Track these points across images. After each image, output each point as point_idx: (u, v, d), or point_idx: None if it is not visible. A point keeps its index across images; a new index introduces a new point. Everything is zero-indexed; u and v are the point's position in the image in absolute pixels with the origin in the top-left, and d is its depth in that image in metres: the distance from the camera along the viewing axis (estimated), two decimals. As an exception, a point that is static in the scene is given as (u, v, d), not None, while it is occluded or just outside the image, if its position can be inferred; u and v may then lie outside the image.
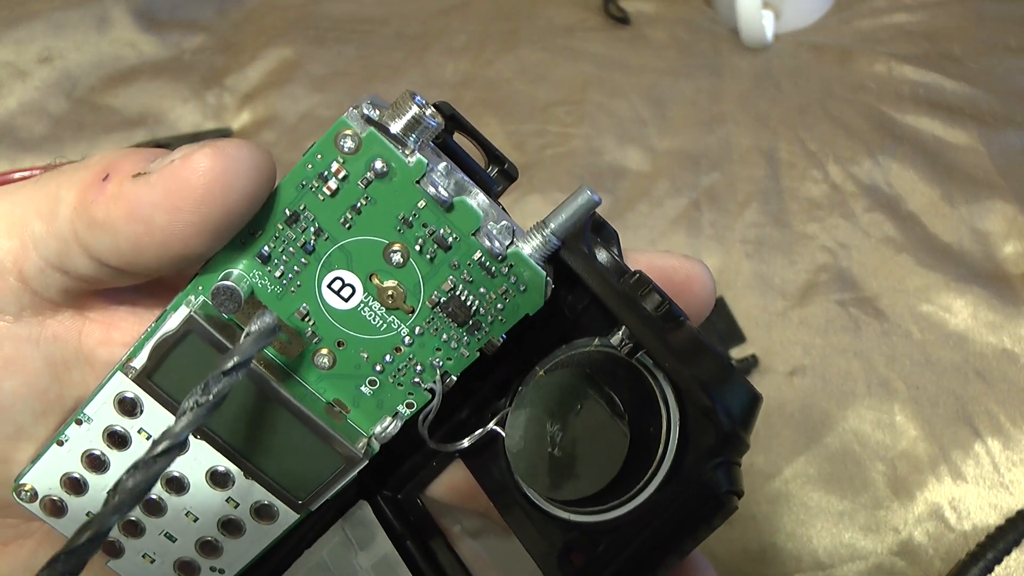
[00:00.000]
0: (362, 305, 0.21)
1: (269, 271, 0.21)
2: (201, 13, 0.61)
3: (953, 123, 0.51)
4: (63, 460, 0.23)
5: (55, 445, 0.23)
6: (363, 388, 0.22)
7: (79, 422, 0.22)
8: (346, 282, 0.21)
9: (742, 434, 0.19)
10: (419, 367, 0.22)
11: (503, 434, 0.23)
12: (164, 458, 0.19)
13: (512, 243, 0.20)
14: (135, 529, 0.24)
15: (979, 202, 0.48)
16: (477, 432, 0.23)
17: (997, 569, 0.38)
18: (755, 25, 0.54)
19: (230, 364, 0.19)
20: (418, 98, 0.19)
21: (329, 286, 0.21)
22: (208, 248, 0.20)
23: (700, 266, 0.23)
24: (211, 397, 0.19)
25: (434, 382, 0.22)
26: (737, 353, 0.44)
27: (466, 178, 0.20)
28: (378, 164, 0.19)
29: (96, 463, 0.23)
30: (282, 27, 0.60)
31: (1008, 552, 0.38)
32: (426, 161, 0.19)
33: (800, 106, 0.53)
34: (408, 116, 0.19)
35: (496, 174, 0.22)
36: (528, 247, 0.20)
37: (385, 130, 0.19)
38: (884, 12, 0.57)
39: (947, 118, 0.51)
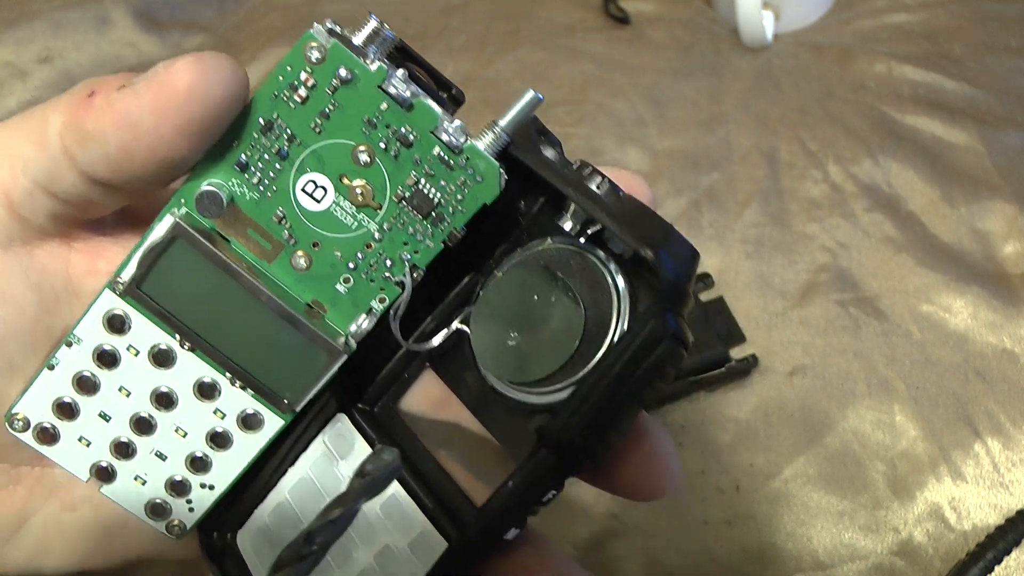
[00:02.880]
0: (334, 205, 0.23)
1: (247, 178, 0.22)
2: (201, 13, 0.61)
3: (953, 123, 0.51)
4: (54, 384, 0.24)
5: (46, 370, 0.23)
6: (338, 287, 0.23)
7: (69, 344, 0.23)
8: (318, 184, 0.22)
9: (684, 284, 0.21)
10: (389, 261, 0.23)
11: (468, 331, 0.24)
12: None
13: (467, 139, 0.22)
14: (126, 450, 0.24)
15: (979, 202, 0.48)
16: (443, 331, 0.25)
17: (997, 569, 0.38)
18: (755, 25, 0.54)
19: (335, 514, 0.19)
20: (374, 16, 0.21)
21: (303, 189, 0.22)
22: (191, 151, 0.21)
23: (639, 179, 0.24)
24: (314, 547, 0.19)
25: (403, 275, 0.23)
26: (737, 353, 0.44)
27: (420, 90, 0.22)
28: (343, 71, 0.21)
29: (87, 385, 0.24)
30: (282, 27, 0.60)
31: (1008, 552, 0.38)
32: (386, 67, 0.21)
33: (800, 106, 0.53)
34: (368, 29, 0.21)
35: (446, 98, 0.24)
36: (482, 143, 0.22)
37: (348, 41, 0.21)
38: (884, 12, 0.57)
39: (947, 118, 0.51)
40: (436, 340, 0.25)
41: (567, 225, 0.23)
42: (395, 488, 0.24)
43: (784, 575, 0.39)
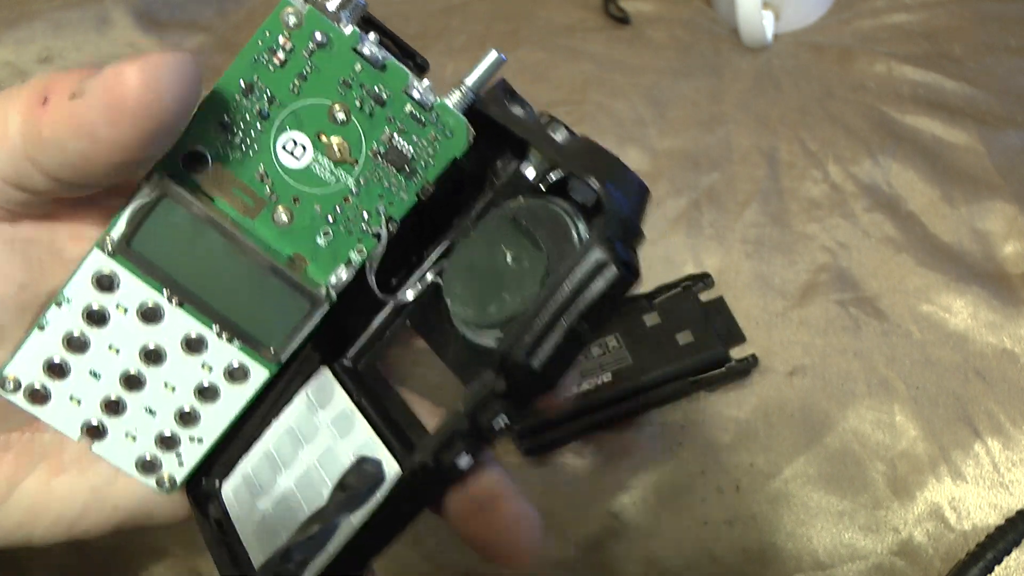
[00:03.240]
0: (313, 162, 0.24)
1: (230, 138, 0.23)
2: (201, 13, 0.61)
3: (953, 123, 0.51)
4: (44, 345, 0.24)
5: (36, 330, 0.24)
6: (319, 239, 0.25)
7: (58, 304, 0.24)
8: (298, 142, 0.24)
9: (633, 216, 0.22)
10: (366, 214, 0.24)
11: (441, 283, 0.25)
12: None
13: (437, 97, 0.24)
14: (117, 408, 0.25)
15: (979, 202, 0.48)
16: (418, 283, 0.26)
17: (997, 569, 0.38)
18: (755, 25, 0.54)
19: (314, 530, 0.20)
20: None
21: (283, 147, 0.23)
22: (152, 152, 0.21)
23: None
24: (291, 565, 0.20)
25: (380, 226, 0.24)
26: (737, 353, 0.44)
27: (390, 55, 0.23)
28: (318, 35, 0.22)
29: (77, 344, 0.24)
30: (282, 27, 0.59)
31: (1008, 552, 0.38)
32: (359, 31, 0.22)
33: (800, 106, 0.53)
34: None
35: (412, 66, 0.25)
36: (450, 100, 0.24)
37: (322, 7, 0.22)
38: (884, 12, 0.57)
39: (947, 118, 0.51)
40: (410, 292, 0.26)
41: (529, 172, 0.24)
42: (367, 435, 0.25)
43: (784, 575, 0.39)
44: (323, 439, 0.25)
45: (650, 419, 0.43)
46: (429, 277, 0.26)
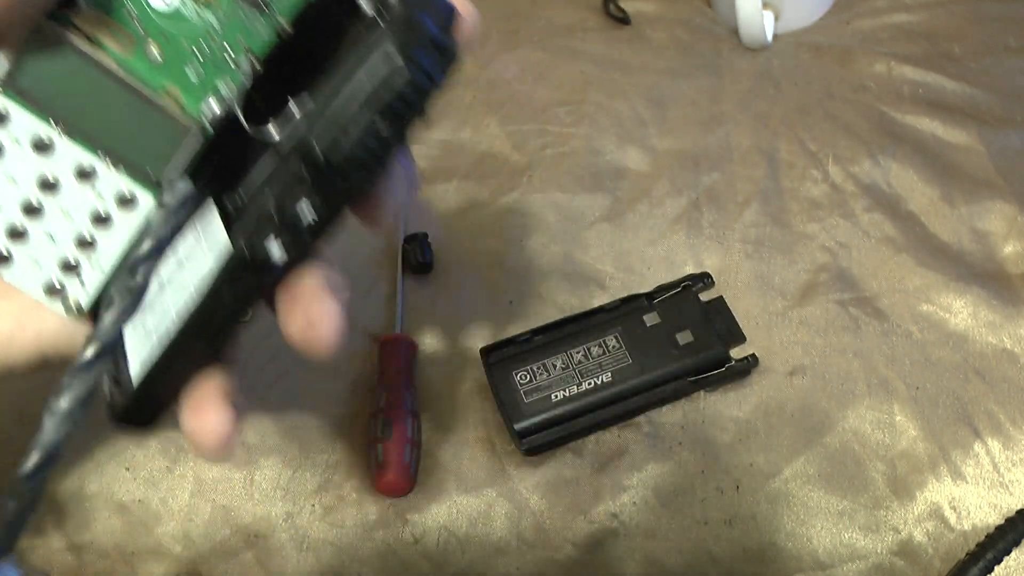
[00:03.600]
0: (180, 3, 0.26)
1: None
2: (201, 13, 0.61)
3: (953, 123, 0.51)
4: None
5: None
6: (189, 74, 0.27)
7: None
8: None
9: (436, 30, 0.24)
10: (231, 49, 0.26)
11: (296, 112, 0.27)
12: (99, 363, 0.24)
13: None
14: (21, 236, 0.27)
15: (979, 202, 0.48)
16: (281, 115, 0.27)
17: (997, 569, 0.38)
18: (755, 25, 0.54)
19: (148, 245, 0.24)
20: None
21: None
22: (26, 9, 0.23)
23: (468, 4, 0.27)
24: (138, 278, 0.24)
25: (243, 61, 0.27)
26: (737, 353, 0.44)
27: None
28: None
29: None
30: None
31: (1008, 552, 0.38)
32: None
33: (800, 106, 0.53)
34: None
35: None
36: None
37: None
38: (884, 12, 0.57)
39: (947, 118, 0.51)
40: (274, 125, 0.27)
41: (368, 7, 0.26)
42: (226, 251, 0.27)
43: (784, 575, 0.39)
44: (197, 261, 0.28)
45: (650, 419, 0.43)
46: (295, 112, 0.27)
